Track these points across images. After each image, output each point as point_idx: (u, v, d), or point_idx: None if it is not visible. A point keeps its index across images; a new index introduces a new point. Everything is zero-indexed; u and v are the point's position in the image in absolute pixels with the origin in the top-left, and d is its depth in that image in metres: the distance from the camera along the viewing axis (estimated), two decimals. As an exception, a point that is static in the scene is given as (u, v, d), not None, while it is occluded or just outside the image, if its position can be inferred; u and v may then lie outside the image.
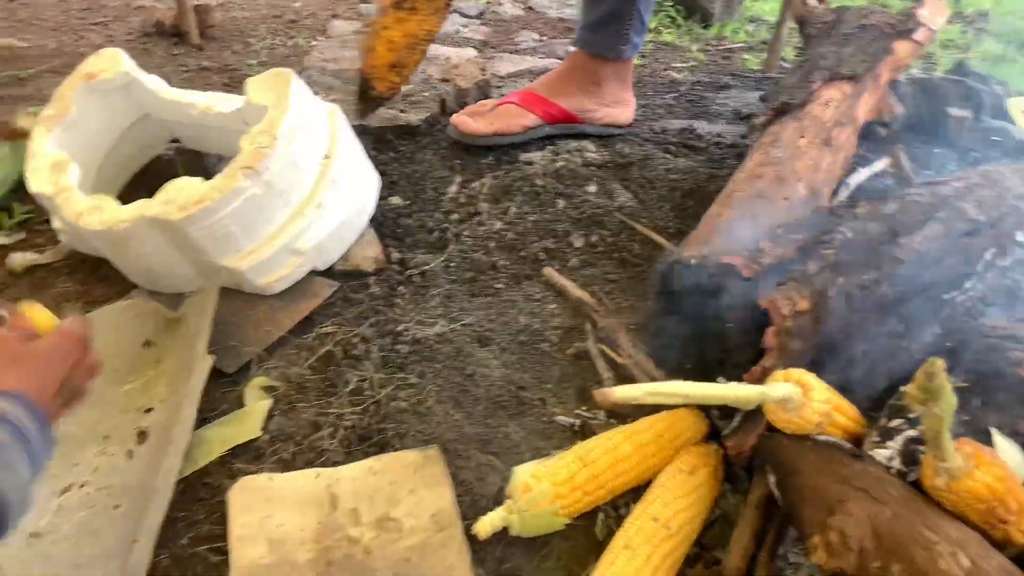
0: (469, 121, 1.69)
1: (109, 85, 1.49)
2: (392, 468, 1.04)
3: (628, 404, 0.83)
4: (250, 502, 1.00)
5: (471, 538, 0.97)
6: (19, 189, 1.74)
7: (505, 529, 0.97)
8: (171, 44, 2.74)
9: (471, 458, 1.10)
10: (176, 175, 1.67)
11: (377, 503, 1.01)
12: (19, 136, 1.76)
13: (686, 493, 0.94)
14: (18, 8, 3.20)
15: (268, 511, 1.00)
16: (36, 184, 1.35)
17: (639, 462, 0.99)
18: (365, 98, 1.57)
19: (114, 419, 1.17)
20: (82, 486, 1.06)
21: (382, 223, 1.55)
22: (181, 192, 1.26)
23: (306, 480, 1.03)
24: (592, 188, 1.54)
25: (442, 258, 1.46)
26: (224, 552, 0.98)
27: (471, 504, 1.04)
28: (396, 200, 1.61)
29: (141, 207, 1.27)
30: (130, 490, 1.06)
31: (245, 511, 0.99)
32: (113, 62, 1.49)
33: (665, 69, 2.45)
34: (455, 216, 1.55)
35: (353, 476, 1.04)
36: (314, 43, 2.80)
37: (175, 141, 1.73)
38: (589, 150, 1.64)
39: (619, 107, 1.76)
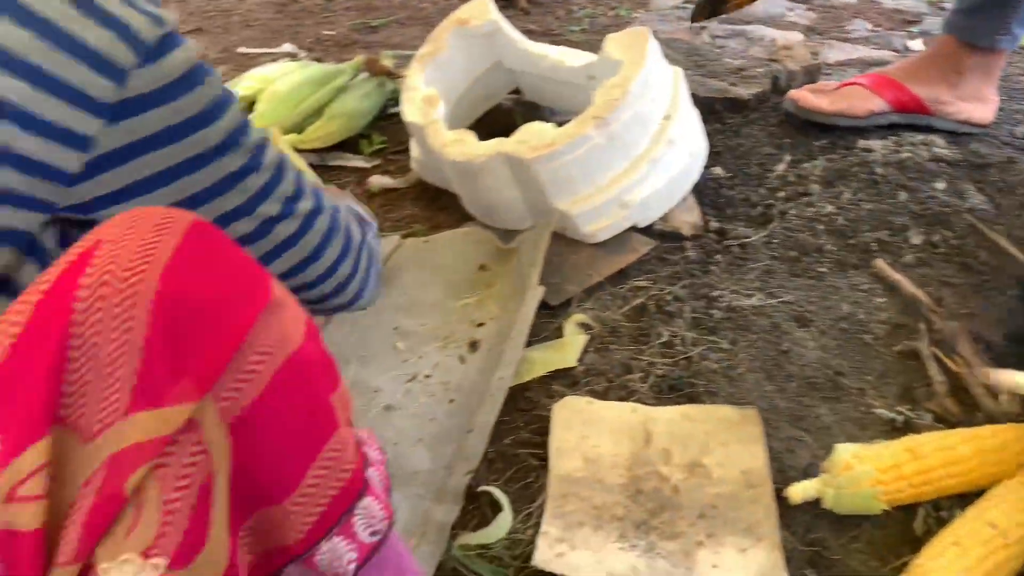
0: (811, 97, 1.65)
1: (477, 31, 1.63)
2: (707, 419, 1.07)
3: (1008, 389, 0.79)
4: (570, 420, 1.08)
5: (779, 502, 0.97)
6: (377, 120, 1.97)
7: (816, 500, 0.96)
8: (499, 6, 2.94)
9: (780, 429, 1.10)
10: (513, 124, 1.81)
11: (689, 448, 1.04)
12: (384, 72, 1.99)
13: (1033, 509, 0.87)
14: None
15: (585, 432, 1.07)
16: (410, 114, 1.53)
17: (975, 467, 0.93)
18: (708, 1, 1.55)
19: (451, 326, 1.30)
20: (427, 376, 1.20)
21: (703, 191, 1.57)
22: (535, 134, 1.37)
23: (622, 412, 1.09)
24: (940, 185, 1.45)
25: (764, 233, 1.45)
26: (541, 458, 1.06)
27: (778, 471, 1.03)
28: (718, 171, 1.62)
29: (498, 144, 1.39)
30: (462, 389, 1.18)
31: (565, 427, 1.07)
32: (482, 10, 1.63)
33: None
34: (781, 194, 1.53)
35: (668, 418, 1.08)
36: (635, 15, 2.86)
37: (514, 92, 1.87)
38: (938, 145, 1.53)
39: (977, 104, 1.62)
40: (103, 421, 0.46)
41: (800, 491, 0.95)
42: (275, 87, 1.85)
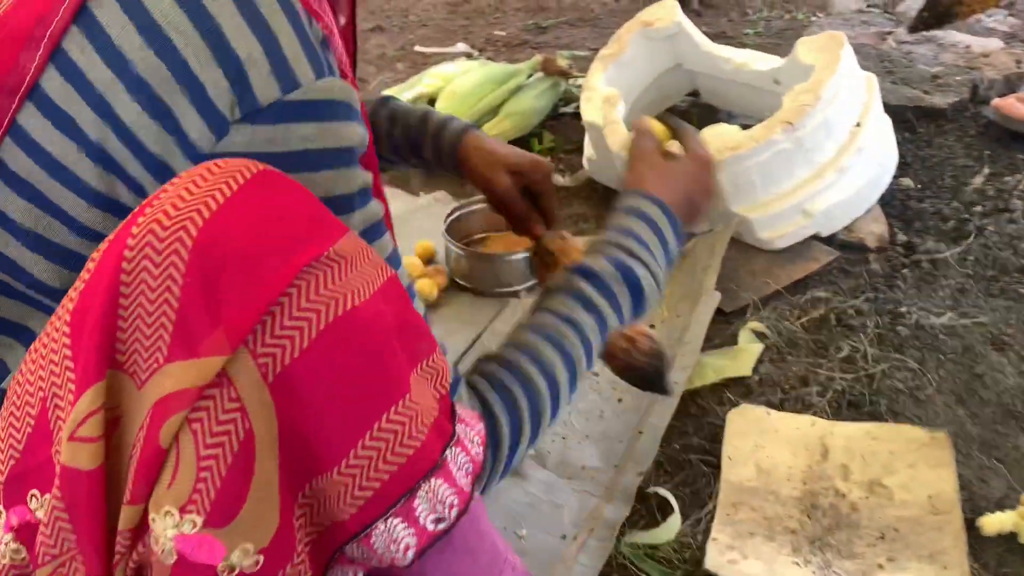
0: (1019, 106, 1.54)
1: (661, 33, 1.64)
2: (893, 438, 1.03)
3: None
4: (745, 428, 1.06)
5: (969, 532, 0.92)
6: (548, 119, 2.01)
7: (1012, 534, 0.91)
8: (676, 8, 2.91)
9: (972, 457, 1.04)
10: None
11: (870, 466, 1.00)
12: (559, 73, 2.02)
13: None
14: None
15: (760, 441, 1.05)
16: (588, 114, 1.55)
17: None
18: (935, 8, 1.46)
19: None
20: (595, 374, 1.22)
21: (889, 202, 1.50)
22: (719, 136, 1.36)
23: (800, 424, 1.07)
24: None
25: (958, 249, 1.36)
26: (711, 465, 1.06)
27: (968, 500, 0.98)
28: (907, 181, 1.54)
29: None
30: (631, 390, 1.18)
31: (739, 435, 1.06)
32: (669, 11, 1.63)
33: None
34: (979, 208, 1.44)
35: (848, 434, 1.04)
36: (813, 18, 2.76)
37: (691, 95, 1.86)
38: None
39: None
40: (150, 368, 0.47)
41: (995, 523, 0.90)
42: (455, 85, 1.93)
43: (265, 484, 0.48)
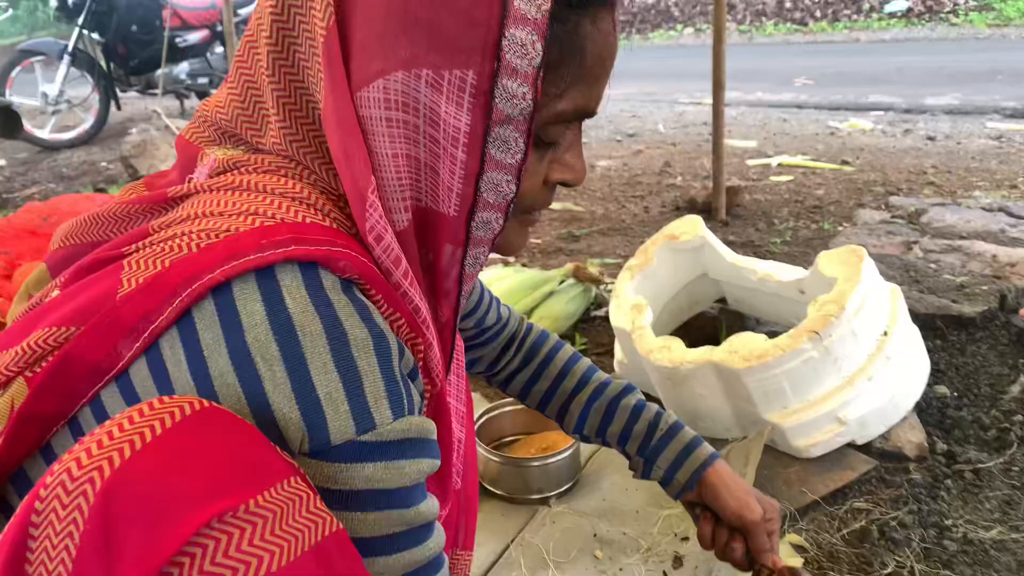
0: (1048, 317, 1.55)
1: (686, 246, 1.71)
2: None
3: None
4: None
5: None
6: (579, 323, 2.07)
7: None
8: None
9: None
10: (717, 331, 1.83)
11: None
12: (590, 279, 2.11)
13: None
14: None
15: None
16: (617, 320, 1.60)
17: None
18: None
19: (654, 537, 1.27)
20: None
21: (926, 411, 1.48)
22: (745, 345, 1.38)
23: None
24: None
25: (1002, 459, 1.33)
26: None
27: None
28: (943, 389, 1.53)
29: (707, 352, 1.41)
30: (666, 605, 1.14)
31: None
32: (693, 226, 1.72)
33: None
34: (1018, 417, 1.41)
35: None
36: (840, 228, 2.87)
37: (719, 301, 1.91)
38: None
39: None
40: None
41: None
42: (493, 290, 2.01)
43: None
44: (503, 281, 2.05)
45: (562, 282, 2.08)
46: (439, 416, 0.68)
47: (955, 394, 1.52)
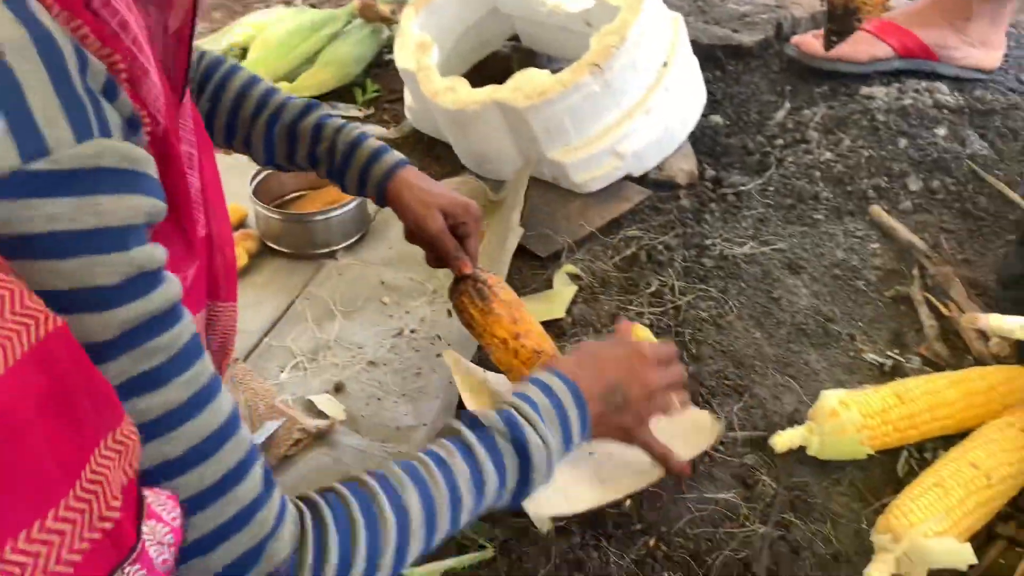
0: (813, 42, 1.61)
1: (470, -24, 1.60)
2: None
3: (998, 334, 0.78)
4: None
5: (764, 450, 0.98)
6: (371, 68, 1.94)
7: (802, 447, 0.96)
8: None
9: (767, 376, 1.09)
10: (510, 71, 1.78)
11: None
12: (380, 19, 1.95)
13: (1014, 448, 0.87)
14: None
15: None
16: (402, 60, 1.50)
17: (962, 410, 0.93)
18: (839, 22, 1.47)
19: (439, 280, 1.29)
20: (412, 331, 1.20)
21: (699, 139, 1.54)
22: (529, 82, 1.34)
23: None
24: (941, 131, 1.41)
25: (760, 181, 1.42)
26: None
27: (763, 418, 1.03)
28: (717, 119, 1.59)
29: (491, 91, 1.37)
30: (450, 343, 1.18)
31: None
32: (478, -44, 1.59)
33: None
34: (779, 141, 1.50)
35: None
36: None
37: (513, 39, 1.83)
38: (941, 91, 1.49)
39: (984, 49, 1.57)
40: None
41: (786, 440, 0.95)
42: (267, 34, 1.83)
43: None
44: (281, 24, 1.86)
45: (348, 23, 1.91)
46: (166, 160, 0.60)
47: (727, 123, 1.59)
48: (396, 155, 1.00)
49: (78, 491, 0.43)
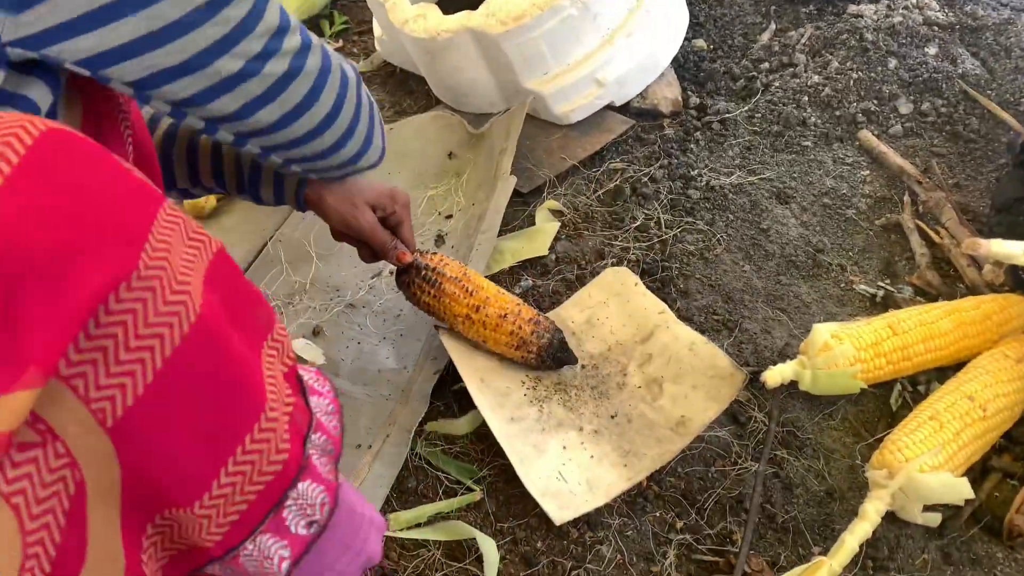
0: (799, -39, 1.54)
1: None
2: (704, 356, 0.96)
3: (1000, 259, 0.75)
4: (611, 282, 1.03)
5: (754, 385, 0.95)
6: (339, -1, 1.86)
7: (793, 381, 0.94)
8: None
9: (757, 310, 1.07)
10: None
11: (667, 367, 0.98)
12: (346, -52, 1.85)
13: (1010, 379, 0.85)
14: None
15: (612, 301, 1.06)
16: (368, -12, 1.42)
17: (956, 340, 0.91)
18: None
19: (418, 218, 1.25)
20: (391, 272, 1.16)
21: (683, 65, 1.48)
22: (504, 6, 1.27)
23: (650, 304, 1.04)
24: (932, 50, 1.36)
25: (746, 108, 1.37)
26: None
27: (754, 352, 1.01)
28: (700, 43, 1.53)
29: (464, 18, 1.30)
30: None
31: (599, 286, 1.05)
32: None
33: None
34: (765, 65, 1.45)
35: (677, 334, 0.99)
36: None
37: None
38: (932, 8, 1.44)
39: (976, -39, 1.51)
40: None
41: (777, 374, 0.93)
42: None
43: (104, 534, 0.42)
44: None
45: (311, -49, 1.81)
46: None
47: (711, 47, 1.53)
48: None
49: (267, 415, 0.48)
